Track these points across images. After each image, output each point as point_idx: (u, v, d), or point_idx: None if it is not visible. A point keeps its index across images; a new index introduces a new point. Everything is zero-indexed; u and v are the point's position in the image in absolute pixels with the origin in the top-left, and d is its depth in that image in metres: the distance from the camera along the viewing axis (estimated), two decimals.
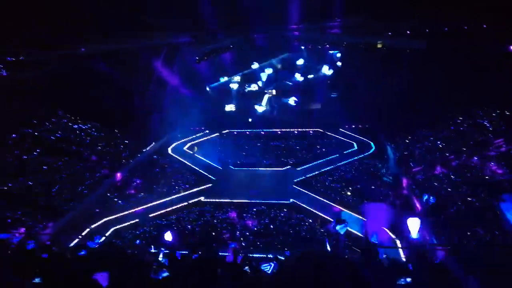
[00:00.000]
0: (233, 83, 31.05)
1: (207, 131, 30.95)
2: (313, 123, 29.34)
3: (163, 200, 21.34)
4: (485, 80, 19.80)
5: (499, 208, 13.90)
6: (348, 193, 21.07)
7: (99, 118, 26.32)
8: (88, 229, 18.28)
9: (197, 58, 26.64)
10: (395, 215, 16.46)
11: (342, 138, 28.00)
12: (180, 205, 20.93)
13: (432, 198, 17.03)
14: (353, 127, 28.85)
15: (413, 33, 24.58)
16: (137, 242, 17.31)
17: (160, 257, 9.39)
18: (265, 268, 7.02)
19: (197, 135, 30.41)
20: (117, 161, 24.24)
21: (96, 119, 26.37)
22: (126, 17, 24.67)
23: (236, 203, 20.87)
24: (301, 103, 30.05)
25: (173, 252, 8.89)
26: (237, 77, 31.09)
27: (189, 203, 21.18)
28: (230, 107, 30.44)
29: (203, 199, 21.50)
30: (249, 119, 29.45)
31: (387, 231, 16.21)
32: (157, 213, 20.19)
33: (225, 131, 30.77)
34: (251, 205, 20.54)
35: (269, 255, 14.31)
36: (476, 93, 20.88)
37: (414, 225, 7.53)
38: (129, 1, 24.56)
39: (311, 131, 29.41)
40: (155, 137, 28.13)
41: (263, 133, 30.07)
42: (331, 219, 18.71)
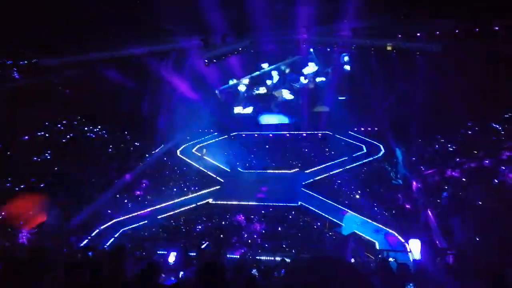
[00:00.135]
0: (241, 86, 31.10)
1: (215, 133, 31.03)
2: (322, 125, 29.19)
3: (171, 202, 21.44)
4: (499, 83, 19.51)
5: None
6: (357, 196, 20.92)
7: (109, 120, 26.66)
8: (97, 230, 18.46)
9: (206, 61, 26.77)
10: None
11: (351, 140, 27.80)
12: (188, 207, 21.01)
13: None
14: (362, 129, 28.62)
15: (424, 36, 24.32)
16: (146, 243, 17.41)
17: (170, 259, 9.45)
18: None
19: (205, 137, 30.52)
20: (126, 163, 24.45)
21: (106, 122, 26.70)
22: (135, 22, 24.94)
23: (244, 205, 20.87)
24: (309, 106, 29.92)
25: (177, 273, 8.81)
26: (246, 80, 31.11)
27: (197, 205, 21.26)
28: (238, 109, 30.46)
29: (211, 201, 21.55)
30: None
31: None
32: (165, 215, 20.29)
33: (234, 133, 30.81)
34: (259, 208, 20.51)
35: (276, 258, 14.31)
36: (489, 96, 20.59)
37: (415, 247, 7.57)
38: (138, 6, 24.85)
39: (320, 134, 29.26)
40: (164, 140, 28.32)
41: (271, 135, 30.03)
42: (340, 222, 18.61)
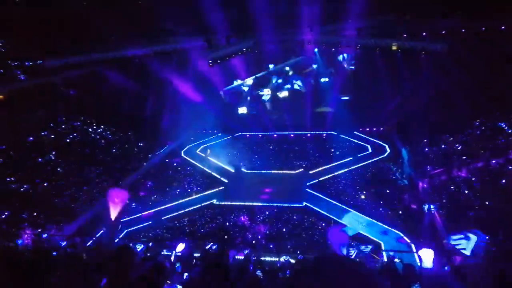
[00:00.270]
0: (245, 86, 31.07)
1: (219, 134, 31.03)
2: (327, 125, 29.06)
3: (175, 202, 21.44)
4: (505, 82, 19.32)
5: None
6: (362, 196, 20.79)
7: (114, 121, 26.75)
8: (102, 231, 18.46)
9: (210, 62, 26.75)
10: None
11: (356, 141, 27.66)
12: (192, 208, 21.00)
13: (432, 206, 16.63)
14: (367, 129, 28.47)
15: (430, 35, 24.14)
16: (150, 244, 17.38)
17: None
18: None
19: (209, 138, 30.54)
20: (130, 164, 24.50)
21: (110, 123, 26.79)
22: (138, 23, 24.99)
23: (248, 206, 20.82)
24: (313, 106, 29.80)
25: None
26: (250, 81, 31.08)
27: (201, 205, 21.24)
28: (242, 110, 30.43)
29: (215, 201, 21.52)
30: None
31: None
32: (169, 216, 20.29)
33: (238, 134, 30.78)
34: (263, 208, 20.45)
35: (281, 259, 14.22)
36: (495, 95, 20.40)
37: (427, 256, 7.33)
38: (141, 7, 24.91)
39: (324, 134, 29.13)
40: (168, 140, 28.35)
41: (275, 136, 29.96)
42: (345, 223, 18.50)
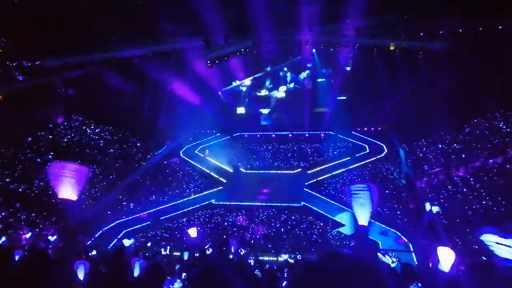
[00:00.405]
0: (243, 87, 31.10)
1: (218, 134, 31.01)
2: (325, 125, 29.08)
3: (174, 202, 21.44)
4: (502, 81, 19.39)
5: None
6: None
7: (112, 121, 26.74)
8: (100, 231, 18.47)
9: (208, 62, 26.76)
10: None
11: (354, 140, 27.69)
12: (191, 208, 21.00)
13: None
14: (365, 129, 28.49)
15: (428, 35, 24.22)
16: (149, 244, 17.38)
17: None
18: None
19: (208, 138, 30.52)
20: (129, 164, 24.47)
21: (109, 123, 26.77)
22: (137, 24, 24.98)
23: (247, 206, 20.83)
24: (311, 106, 29.85)
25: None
26: (248, 81, 31.12)
27: (200, 205, 21.24)
28: (241, 110, 30.44)
29: (214, 202, 21.52)
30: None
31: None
32: (168, 216, 20.29)
33: (236, 134, 30.77)
34: (262, 208, 20.47)
35: (279, 258, 14.24)
36: (492, 95, 20.46)
37: (446, 256, 5.38)
38: (141, 8, 24.92)
39: (322, 134, 29.14)
40: (167, 140, 28.33)
41: (274, 136, 29.96)
42: (343, 222, 18.53)
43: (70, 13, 23.63)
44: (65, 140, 23.81)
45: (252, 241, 17.53)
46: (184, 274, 8.67)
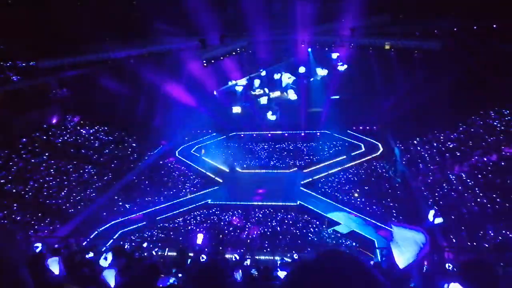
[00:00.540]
0: (239, 86, 31.07)
1: (214, 133, 30.94)
2: (321, 124, 29.11)
3: (170, 203, 21.41)
4: (496, 80, 19.50)
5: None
6: (356, 194, 20.90)
7: (108, 122, 26.63)
8: (96, 232, 18.41)
9: (204, 62, 26.70)
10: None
11: (349, 139, 27.75)
12: (187, 208, 20.98)
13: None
14: (360, 128, 28.56)
15: (422, 34, 24.33)
16: (145, 245, 17.34)
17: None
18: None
19: (204, 138, 30.44)
20: (125, 165, 24.38)
21: (104, 123, 26.67)
22: (132, 24, 24.91)
23: (243, 205, 20.85)
24: (306, 106, 29.87)
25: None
26: (243, 81, 31.08)
27: (196, 205, 21.22)
28: (237, 109, 30.40)
29: (210, 201, 21.52)
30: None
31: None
32: (164, 216, 20.26)
33: (232, 133, 30.73)
34: (258, 207, 20.49)
35: (276, 257, 14.26)
36: (486, 94, 20.61)
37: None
38: (135, 8, 24.87)
39: (318, 133, 29.19)
40: (162, 140, 28.24)
41: (269, 135, 29.95)
42: (339, 221, 18.60)
43: (64, 14, 23.50)
44: (60, 140, 23.69)
45: (248, 240, 17.56)
46: (180, 274, 8.68)
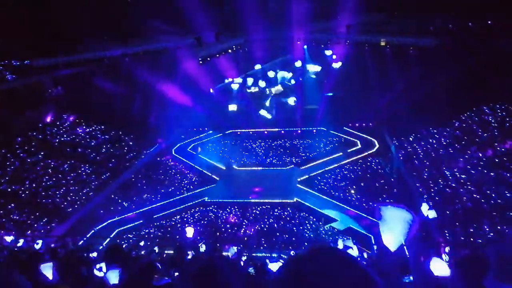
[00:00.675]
0: (235, 84, 31.08)
1: (210, 131, 30.93)
2: (317, 121, 29.16)
3: (167, 201, 21.43)
4: (492, 77, 19.60)
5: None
6: (352, 191, 21.01)
7: (104, 121, 26.55)
8: (92, 231, 18.41)
9: (200, 59, 26.67)
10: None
11: (346, 136, 27.82)
12: (184, 206, 21.01)
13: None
14: (357, 125, 28.64)
15: (418, 31, 24.40)
16: (142, 243, 17.37)
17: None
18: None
19: (200, 136, 30.42)
20: (121, 163, 24.35)
21: (100, 122, 26.59)
22: (128, 22, 24.81)
23: (240, 202, 20.90)
24: (302, 103, 29.94)
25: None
26: (239, 79, 31.08)
27: (193, 203, 21.25)
28: (233, 107, 30.41)
29: (207, 199, 21.56)
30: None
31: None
32: (161, 214, 20.29)
33: (228, 131, 30.73)
34: (255, 205, 20.55)
35: (273, 254, 14.34)
36: (482, 90, 20.71)
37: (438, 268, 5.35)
38: (130, 7, 24.77)
39: (314, 130, 29.23)
40: (158, 138, 28.21)
41: (266, 132, 29.98)
42: (336, 217, 18.71)
43: (59, 12, 23.38)
44: (57, 140, 23.62)
45: (245, 238, 17.62)
46: (176, 273, 8.71)
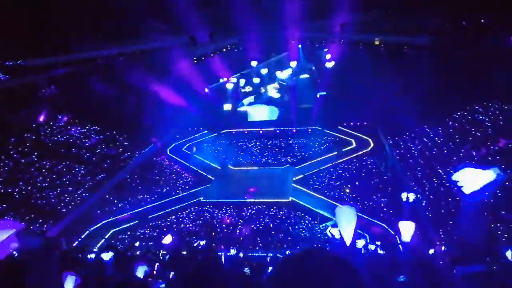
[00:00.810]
0: (229, 83, 31.07)
1: (205, 131, 30.84)
2: (312, 121, 29.20)
3: (162, 201, 21.36)
4: (485, 75, 19.74)
5: None
6: (347, 190, 21.09)
7: (98, 121, 26.37)
8: (87, 232, 18.31)
9: (194, 59, 26.62)
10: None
11: (341, 135, 27.88)
12: (179, 206, 20.96)
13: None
14: (351, 124, 28.69)
15: (412, 30, 24.53)
16: (137, 244, 17.33)
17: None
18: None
19: (195, 135, 30.30)
20: (116, 163, 24.21)
21: (95, 122, 26.41)
22: (122, 22, 24.67)
23: (235, 202, 20.90)
24: (296, 102, 30.00)
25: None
26: (234, 78, 31.08)
27: (188, 203, 21.21)
28: (227, 107, 30.39)
29: (202, 199, 21.53)
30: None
31: None
32: (156, 214, 20.23)
33: (224, 131, 30.67)
34: (251, 204, 20.55)
35: (268, 254, 14.37)
36: (475, 89, 20.84)
37: (407, 229, 6.29)
38: (124, 6, 24.59)
39: (309, 129, 29.27)
40: (153, 138, 28.08)
41: (261, 132, 29.97)
42: (331, 216, 18.75)
43: (53, 11, 23.20)
44: (51, 140, 23.42)
45: (241, 238, 17.63)
46: (172, 273, 8.70)
